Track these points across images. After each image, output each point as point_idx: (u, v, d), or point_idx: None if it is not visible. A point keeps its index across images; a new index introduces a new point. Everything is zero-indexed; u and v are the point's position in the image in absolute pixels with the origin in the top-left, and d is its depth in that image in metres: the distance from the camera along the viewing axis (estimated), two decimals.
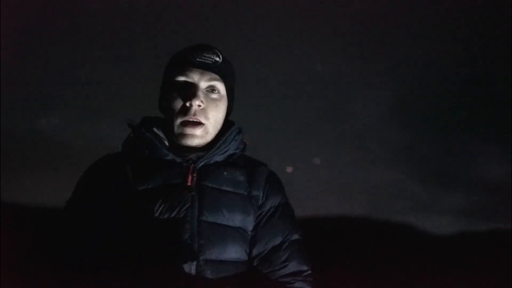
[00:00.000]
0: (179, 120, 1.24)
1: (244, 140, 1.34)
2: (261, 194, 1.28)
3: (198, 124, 1.23)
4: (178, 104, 1.23)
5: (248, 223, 1.23)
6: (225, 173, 1.26)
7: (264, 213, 1.26)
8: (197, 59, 1.23)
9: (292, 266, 1.21)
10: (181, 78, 1.24)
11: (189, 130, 1.23)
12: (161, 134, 1.27)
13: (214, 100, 1.25)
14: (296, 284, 1.19)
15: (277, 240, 1.23)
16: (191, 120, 1.23)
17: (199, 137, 1.24)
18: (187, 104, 1.22)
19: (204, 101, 1.22)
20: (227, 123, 1.33)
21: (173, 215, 1.16)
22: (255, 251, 1.22)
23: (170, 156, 1.24)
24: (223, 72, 1.27)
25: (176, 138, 1.26)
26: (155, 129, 1.27)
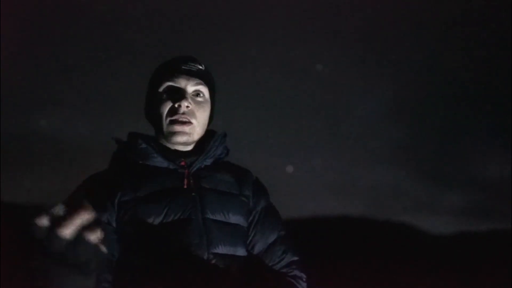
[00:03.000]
0: (168, 119, 1.31)
1: (227, 147, 1.41)
2: (251, 194, 1.36)
3: (187, 122, 1.30)
4: (167, 106, 1.31)
5: (244, 220, 1.32)
6: (217, 175, 1.33)
7: (258, 214, 1.35)
8: (183, 67, 1.33)
9: (288, 258, 1.32)
10: (169, 84, 1.32)
11: (178, 128, 1.30)
12: (154, 145, 1.33)
13: (200, 102, 1.33)
14: (294, 272, 1.30)
15: (272, 238, 1.33)
16: (180, 119, 1.30)
17: (188, 134, 1.31)
18: (176, 105, 1.30)
19: (191, 103, 1.31)
20: (210, 132, 1.40)
21: (178, 216, 1.22)
22: (256, 249, 1.31)
23: (165, 164, 1.30)
24: (206, 78, 1.36)
25: (165, 138, 1.33)
26: (146, 140, 1.33)
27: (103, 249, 0.92)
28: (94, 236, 0.89)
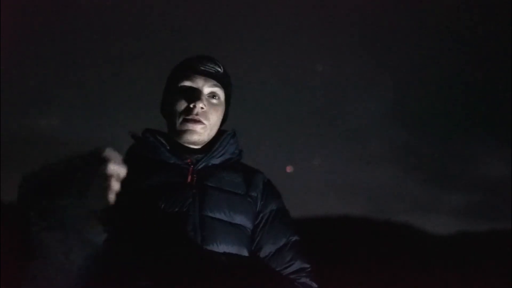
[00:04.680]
0: (182, 118, 1.33)
1: (240, 147, 1.41)
2: (259, 196, 1.35)
3: (199, 122, 1.32)
4: (182, 105, 1.32)
5: (247, 221, 1.30)
6: (223, 174, 1.33)
7: (266, 217, 1.33)
8: (201, 68, 1.34)
9: (296, 265, 1.29)
10: (186, 83, 1.34)
11: (190, 126, 1.31)
12: (163, 141, 1.35)
13: (214, 105, 1.33)
14: (302, 280, 1.28)
15: (281, 242, 1.31)
16: (194, 119, 1.31)
17: (199, 133, 1.32)
18: (191, 106, 1.31)
19: (206, 104, 1.32)
20: (221, 132, 1.41)
21: (176, 209, 1.22)
22: (262, 253, 1.30)
23: (172, 159, 1.31)
24: (223, 81, 1.36)
25: (177, 136, 1.34)
26: (157, 136, 1.36)
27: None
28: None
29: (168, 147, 1.32)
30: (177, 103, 1.32)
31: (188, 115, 1.30)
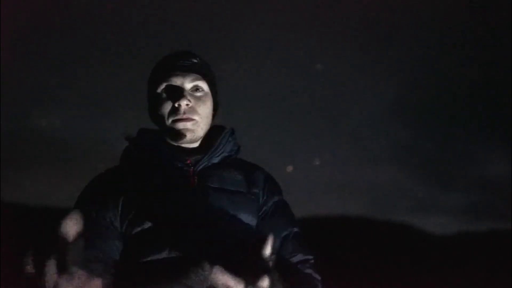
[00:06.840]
0: (170, 119, 1.31)
1: (238, 143, 1.39)
2: (261, 193, 1.34)
3: (189, 119, 1.31)
4: (168, 106, 1.31)
5: (252, 219, 1.29)
6: (224, 173, 1.32)
7: (268, 211, 1.33)
8: (177, 64, 1.32)
9: (300, 256, 1.30)
10: (166, 83, 1.31)
11: (180, 125, 1.29)
12: (160, 142, 1.34)
13: (200, 97, 1.31)
14: (306, 271, 1.28)
15: (284, 233, 1.30)
16: (182, 118, 1.30)
17: (191, 130, 1.30)
18: (176, 105, 1.28)
19: (191, 99, 1.29)
20: (219, 128, 1.40)
21: (182, 216, 1.21)
22: None
23: (171, 162, 1.28)
24: (202, 71, 1.34)
25: (169, 138, 1.33)
26: (153, 137, 1.34)
27: None
28: None
29: (166, 149, 1.31)
30: (162, 106, 1.30)
31: (176, 116, 1.29)
